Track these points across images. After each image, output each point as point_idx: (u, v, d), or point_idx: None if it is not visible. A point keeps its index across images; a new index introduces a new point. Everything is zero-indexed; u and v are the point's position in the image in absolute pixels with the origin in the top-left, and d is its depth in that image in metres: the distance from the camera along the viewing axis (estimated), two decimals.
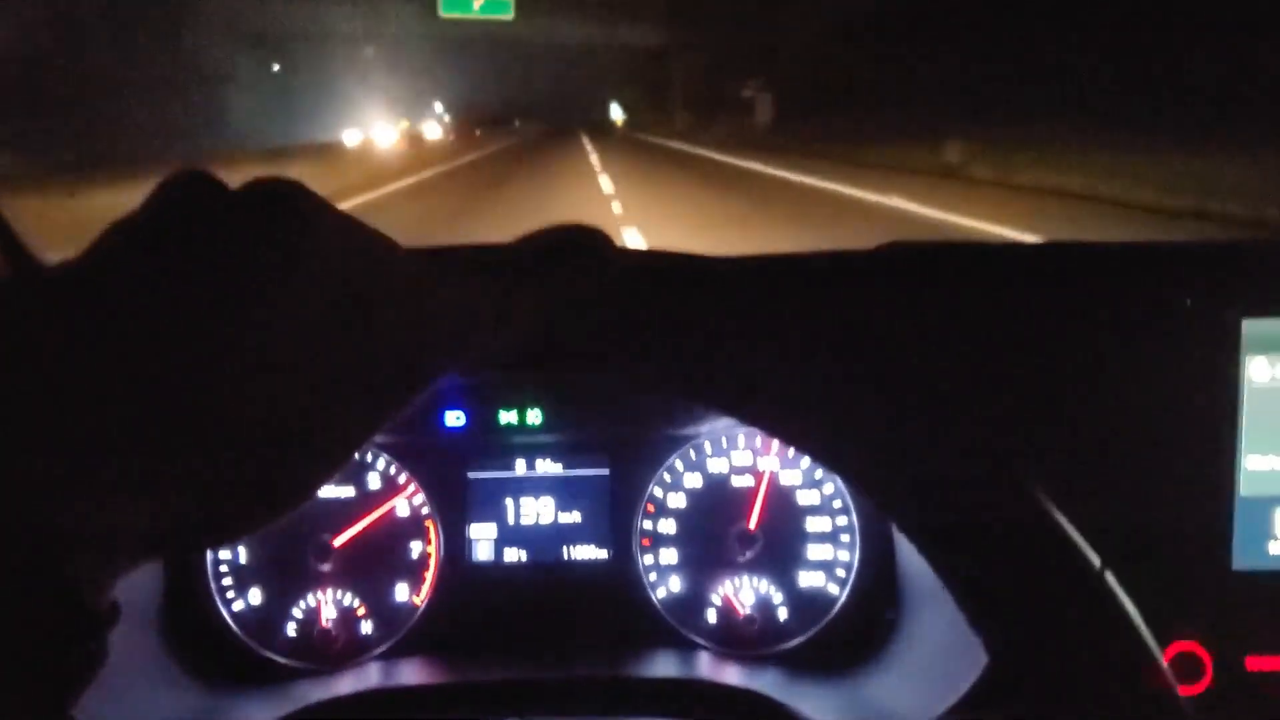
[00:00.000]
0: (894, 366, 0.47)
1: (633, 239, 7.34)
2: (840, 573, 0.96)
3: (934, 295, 0.82)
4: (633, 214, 9.76)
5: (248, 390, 0.38)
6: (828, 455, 0.46)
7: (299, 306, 0.39)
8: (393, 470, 0.97)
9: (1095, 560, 0.44)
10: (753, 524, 0.96)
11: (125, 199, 0.43)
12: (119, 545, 0.39)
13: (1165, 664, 0.43)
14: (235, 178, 0.42)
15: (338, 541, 0.95)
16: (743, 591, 0.96)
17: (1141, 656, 0.43)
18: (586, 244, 0.46)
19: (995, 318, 0.82)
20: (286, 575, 0.95)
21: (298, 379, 0.39)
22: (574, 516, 0.98)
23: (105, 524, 0.38)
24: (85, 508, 0.37)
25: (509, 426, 0.96)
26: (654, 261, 0.52)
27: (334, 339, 0.40)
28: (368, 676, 0.90)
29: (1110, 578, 0.43)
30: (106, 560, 0.39)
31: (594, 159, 21.47)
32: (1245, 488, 0.78)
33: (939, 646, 0.82)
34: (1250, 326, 0.77)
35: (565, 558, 0.98)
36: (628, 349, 0.47)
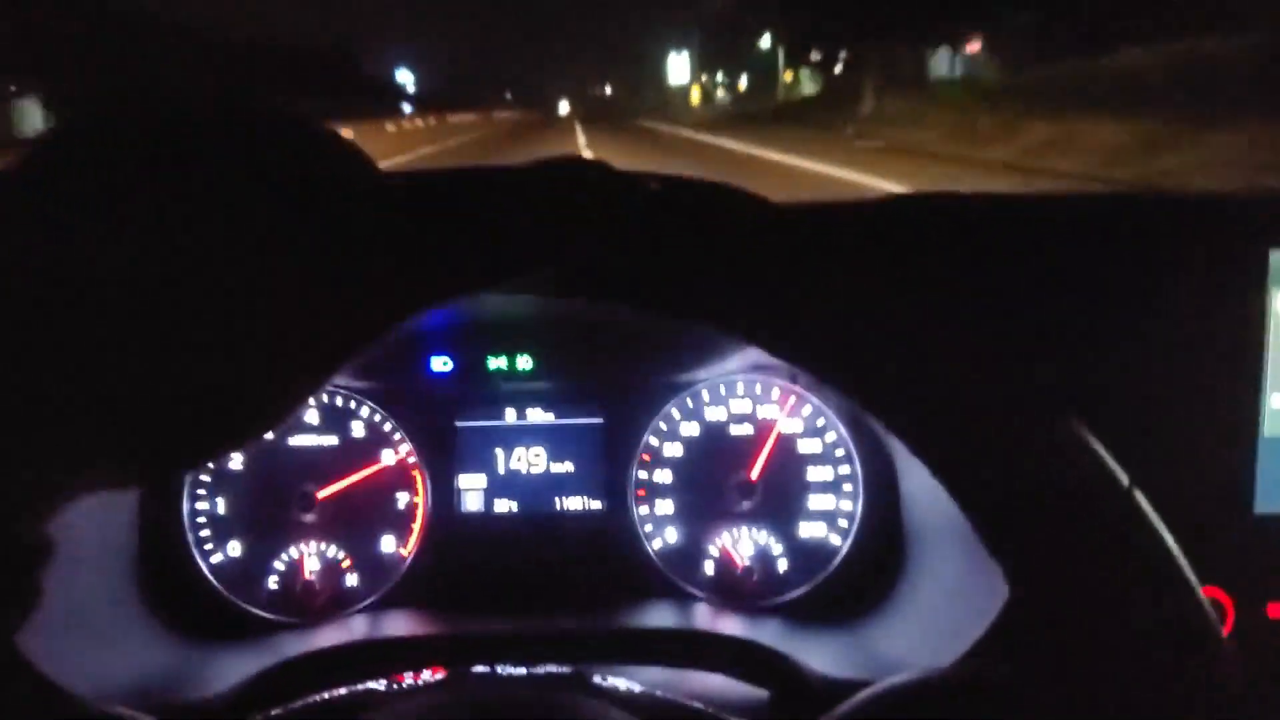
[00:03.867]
0: (919, 297, 0.43)
1: None
2: (842, 523, 0.92)
3: (963, 234, 0.79)
4: None
5: (200, 305, 0.35)
6: (844, 379, 0.43)
7: (266, 219, 0.36)
8: (378, 418, 0.93)
9: (1124, 479, 0.40)
10: (754, 474, 0.92)
11: None
12: (56, 474, 0.36)
13: (1200, 589, 0.40)
14: None
15: (322, 493, 0.91)
16: (741, 543, 0.92)
17: (1177, 581, 0.39)
18: (589, 172, 0.42)
19: (1012, 261, 0.78)
20: (267, 527, 0.91)
21: (263, 294, 0.36)
22: (566, 466, 0.95)
23: (41, 450, 0.35)
24: (19, 433, 0.34)
25: (498, 373, 0.92)
26: (671, 186, 0.47)
27: (304, 255, 0.37)
28: (351, 629, 0.87)
29: (1139, 495, 0.40)
30: (42, 491, 0.36)
31: None
32: (1269, 427, 0.74)
33: (944, 596, 0.79)
34: (1278, 257, 0.73)
35: (557, 508, 0.94)
36: (650, 277, 0.42)
